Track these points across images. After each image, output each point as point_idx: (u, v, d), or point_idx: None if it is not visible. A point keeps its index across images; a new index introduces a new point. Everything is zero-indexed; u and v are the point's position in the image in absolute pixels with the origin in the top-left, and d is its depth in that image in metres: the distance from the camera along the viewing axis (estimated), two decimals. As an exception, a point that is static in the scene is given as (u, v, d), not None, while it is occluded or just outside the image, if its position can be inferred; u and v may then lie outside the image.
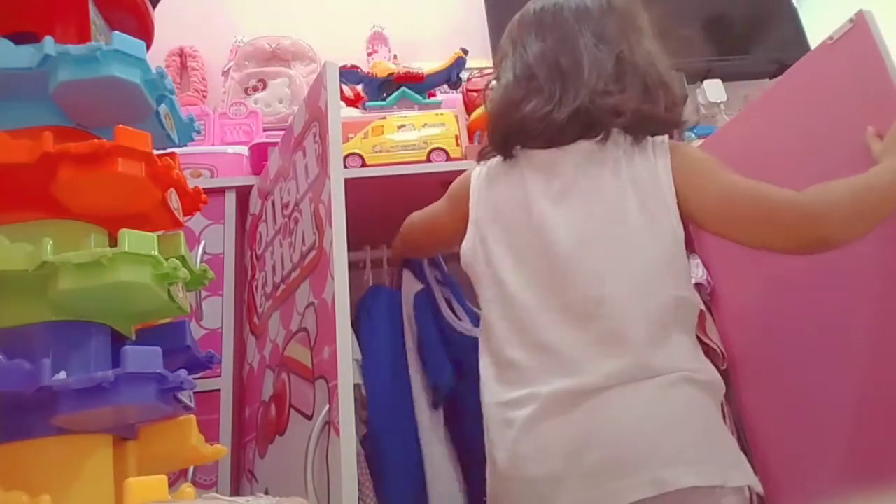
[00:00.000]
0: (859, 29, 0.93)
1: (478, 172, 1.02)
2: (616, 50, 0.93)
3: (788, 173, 0.92)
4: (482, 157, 1.02)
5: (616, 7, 0.97)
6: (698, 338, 0.95)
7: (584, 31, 0.94)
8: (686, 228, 0.88)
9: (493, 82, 1.05)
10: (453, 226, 1.02)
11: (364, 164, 1.33)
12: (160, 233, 0.83)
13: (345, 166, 0.97)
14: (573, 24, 0.95)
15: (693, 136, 1.54)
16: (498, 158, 0.99)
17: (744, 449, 1.13)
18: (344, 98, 1.66)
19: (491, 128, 1.00)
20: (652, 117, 0.91)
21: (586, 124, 0.91)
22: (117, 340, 0.78)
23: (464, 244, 0.98)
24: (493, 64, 1.13)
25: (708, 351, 1.19)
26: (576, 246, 0.87)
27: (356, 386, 0.83)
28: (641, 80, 0.92)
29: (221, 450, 0.85)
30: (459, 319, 1.20)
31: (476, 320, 1.15)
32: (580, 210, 0.89)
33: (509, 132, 0.96)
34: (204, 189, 0.94)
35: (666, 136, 0.93)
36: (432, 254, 1.23)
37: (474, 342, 0.99)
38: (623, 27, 0.95)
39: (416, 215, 1.16)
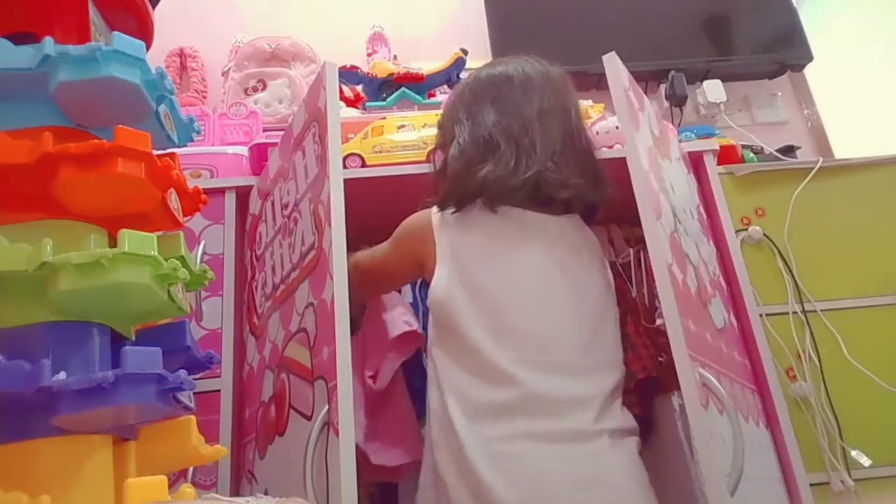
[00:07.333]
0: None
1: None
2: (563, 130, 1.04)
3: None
4: (442, 207, 1.06)
5: (559, 86, 1.08)
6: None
7: (534, 104, 1.04)
8: None
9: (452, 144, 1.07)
10: (397, 267, 1.11)
11: (364, 165, 1.33)
12: (160, 233, 0.83)
13: (344, 166, 0.97)
14: (523, 96, 1.05)
15: (693, 135, 1.54)
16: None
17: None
18: (344, 98, 1.66)
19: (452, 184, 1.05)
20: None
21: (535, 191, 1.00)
22: (117, 341, 0.78)
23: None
24: (440, 126, 1.17)
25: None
26: None
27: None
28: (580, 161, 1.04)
29: (221, 450, 0.85)
30: None
31: None
32: None
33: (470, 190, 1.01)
34: (204, 189, 0.94)
35: None
36: (373, 296, 1.24)
37: None
38: (566, 105, 1.06)
39: (359, 256, 1.15)
